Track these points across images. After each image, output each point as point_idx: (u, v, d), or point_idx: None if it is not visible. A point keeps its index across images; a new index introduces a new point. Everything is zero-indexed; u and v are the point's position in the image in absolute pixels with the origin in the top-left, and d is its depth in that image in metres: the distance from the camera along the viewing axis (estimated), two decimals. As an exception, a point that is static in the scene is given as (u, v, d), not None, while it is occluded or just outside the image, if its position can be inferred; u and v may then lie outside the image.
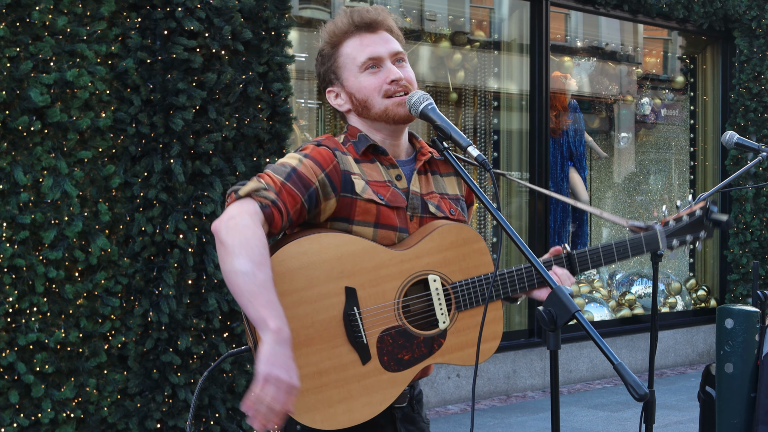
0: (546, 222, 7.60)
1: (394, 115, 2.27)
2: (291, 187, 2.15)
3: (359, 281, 2.16)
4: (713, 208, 2.63)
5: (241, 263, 2.03)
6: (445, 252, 2.26)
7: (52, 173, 4.51)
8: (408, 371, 2.22)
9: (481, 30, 8.26)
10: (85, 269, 4.65)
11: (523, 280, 2.34)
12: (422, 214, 2.31)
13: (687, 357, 8.61)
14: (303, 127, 7.25)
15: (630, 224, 2.58)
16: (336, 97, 2.35)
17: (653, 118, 9.59)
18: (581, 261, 2.42)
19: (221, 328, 4.96)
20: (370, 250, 2.19)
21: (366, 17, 2.31)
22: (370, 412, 2.18)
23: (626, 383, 1.77)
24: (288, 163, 2.20)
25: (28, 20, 4.44)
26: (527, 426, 6.22)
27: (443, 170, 2.43)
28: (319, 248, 2.14)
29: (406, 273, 2.21)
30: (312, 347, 2.13)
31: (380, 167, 2.30)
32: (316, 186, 2.18)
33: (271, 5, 5.14)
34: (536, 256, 2.01)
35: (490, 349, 2.29)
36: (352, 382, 2.16)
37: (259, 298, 2.02)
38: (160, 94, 4.80)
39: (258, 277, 2.03)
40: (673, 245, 2.60)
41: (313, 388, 2.13)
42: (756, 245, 8.57)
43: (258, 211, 2.09)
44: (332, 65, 2.33)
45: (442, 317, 2.24)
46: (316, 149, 2.23)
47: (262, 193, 2.12)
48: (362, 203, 2.22)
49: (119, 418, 4.79)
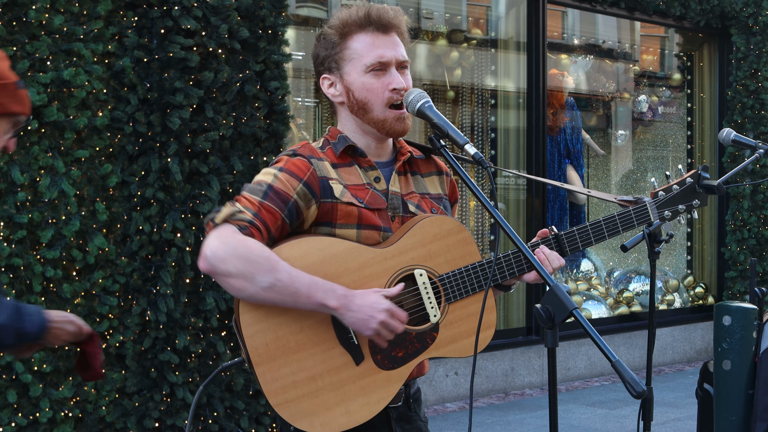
0: (543, 219, 7.60)
1: (390, 129, 2.27)
2: (269, 205, 2.15)
3: (344, 282, 2.14)
4: (705, 174, 2.54)
5: (260, 281, 2.06)
6: (429, 245, 2.24)
7: (49, 172, 4.51)
8: (403, 368, 2.21)
9: (478, 28, 8.26)
10: (83, 268, 4.65)
11: (512, 265, 2.31)
12: (403, 214, 2.30)
13: (685, 354, 8.62)
14: (300, 126, 7.25)
15: (618, 199, 2.53)
16: (330, 86, 2.32)
17: (650, 115, 9.59)
18: (570, 241, 2.37)
19: (219, 327, 4.95)
20: (353, 251, 2.18)
21: (384, 17, 2.28)
22: (369, 412, 2.17)
23: (624, 380, 1.77)
24: (263, 181, 2.19)
25: (24, 19, 4.43)
26: (525, 424, 6.23)
27: (424, 170, 2.41)
28: (301, 254, 2.14)
29: (391, 270, 2.20)
30: (304, 352, 2.13)
31: (358, 170, 2.28)
32: (295, 199, 2.17)
33: (268, 4, 5.14)
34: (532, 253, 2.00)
35: (485, 338, 2.26)
36: (348, 383, 2.15)
37: (300, 293, 2.07)
38: (157, 92, 4.79)
39: (283, 279, 2.06)
40: (665, 216, 2.52)
41: (309, 393, 2.13)
42: (753, 242, 8.58)
43: (236, 232, 2.10)
44: (336, 54, 2.29)
45: (432, 311, 2.23)
46: (290, 161, 2.22)
47: (238, 216, 2.12)
48: (343, 206, 2.21)
49: (117, 417, 4.79)
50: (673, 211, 2.53)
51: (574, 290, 8.51)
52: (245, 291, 2.07)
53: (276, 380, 2.12)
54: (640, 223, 2.45)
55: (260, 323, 2.12)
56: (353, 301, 2.10)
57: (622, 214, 2.43)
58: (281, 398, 2.13)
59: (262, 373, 2.12)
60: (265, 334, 2.12)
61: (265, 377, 2.12)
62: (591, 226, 2.39)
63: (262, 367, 2.11)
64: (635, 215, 2.45)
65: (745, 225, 8.58)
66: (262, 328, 2.12)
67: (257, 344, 2.12)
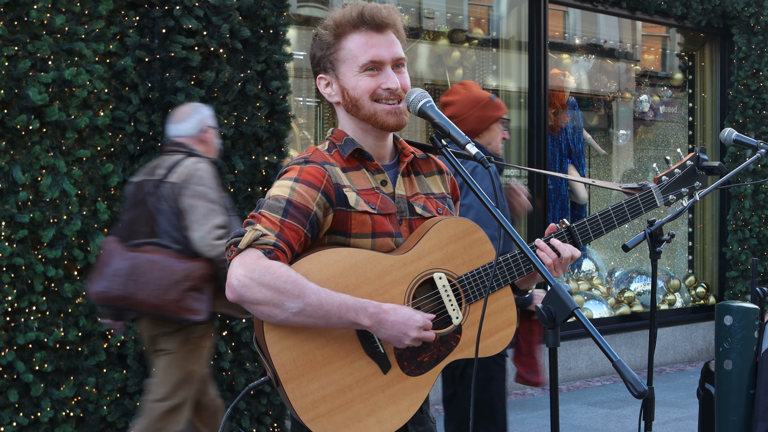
0: (545, 219, 7.60)
1: (383, 122, 2.24)
2: (290, 222, 2.11)
3: (366, 292, 2.13)
4: (703, 156, 2.58)
5: (289, 307, 2.04)
6: (446, 248, 2.24)
7: (51, 172, 4.51)
8: (430, 372, 2.21)
9: (480, 27, 8.26)
10: (84, 268, 4.65)
11: (519, 264, 2.30)
12: (410, 216, 2.29)
13: (686, 354, 8.62)
14: (301, 125, 7.25)
15: (623, 187, 2.55)
16: (327, 86, 2.30)
17: (652, 115, 9.59)
18: (582, 232, 2.37)
19: (220, 327, 4.96)
20: (372, 259, 2.17)
21: (378, 16, 2.25)
22: (400, 420, 2.17)
23: (625, 380, 1.77)
24: (281, 196, 2.14)
25: (26, 19, 4.44)
26: (527, 423, 6.22)
27: (426, 170, 2.40)
28: (320, 267, 2.12)
29: (411, 275, 2.19)
30: (331, 365, 2.12)
31: (366, 173, 2.27)
32: (314, 210, 2.14)
33: (270, 3, 5.14)
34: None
35: (507, 335, 2.28)
36: (377, 393, 2.15)
37: (330, 315, 2.06)
38: (159, 92, 4.79)
39: (312, 302, 2.05)
40: (670, 200, 2.54)
41: (339, 406, 2.12)
42: (755, 242, 8.58)
43: (262, 257, 2.07)
44: (330, 55, 2.27)
45: (454, 313, 2.22)
46: (304, 169, 2.18)
47: (262, 240, 2.08)
48: (357, 216, 2.19)
49: (118, 417, 4.79)
50: (677, 195, 2.55)
51: (575, 290, 8.51)
52: (276, 317, 2.06)
53: (305, 396, 2.10)
54: (648, 209, 2.47)
55: (285, 340, 2.10)
56: (386, 319, 2.10)
57: (629, 202, 2.45)
58: (312, 414, 2.11)
59: (291, 390, 2.09)
60: (291, 351, 2.10)
61: (294, 394, 2.10)
62: (601, 215, 2.40)
63: (291, 384, 2.09)
64: (642, 202, 2.47)
65: (746, 225, 8.58)
66: (287, 344, 2.10)
67: (284, 361, 2.10)
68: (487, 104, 3.83)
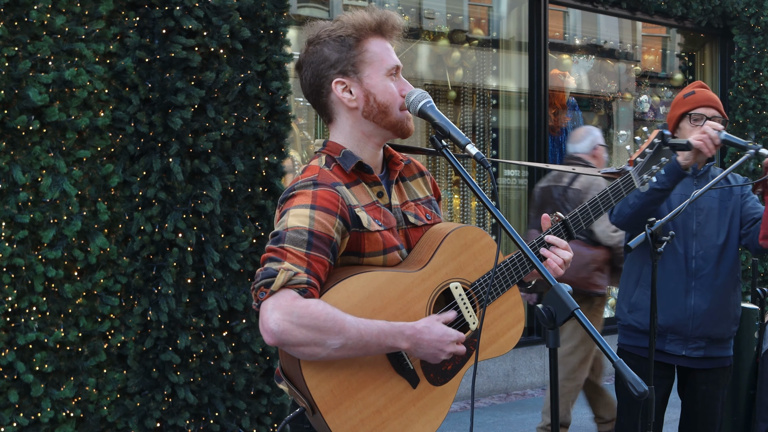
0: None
1: (407, 130, 2.28)
2: (316, 255, 2.10)
3: (391, 312, 2.17)
4: (666, 132, 2.75)
5: (331, 344, 2.05)
6: (458, 257, 2.29)
7: (51, 172, 4.51)
8: (454, 379, 2.28)
9: (480, 28, 8.26)
10: (84, 268, 4.65)
11: (524, 263, 2.38)
12: (405, 226, 2.31)
13: (686, 354, 8.60)
14: (302, 126, 7.25)
15: (603, 172, 2.71)
16: (345, 90, 2.24)
17: (652, 115, 9.59)
18: (575, 222, 2.48)
19: (220, 327, 4.96)
20: (393, 280, 2.20)
21: (396, 25, 2.27)
22: (431, 428, 2.23)
23: (626, 380, 1.77)
24: (302, 228, 2.09)
25: (26, 19, 4.44)
26: (527, 424, 6.22)
27: (408, 174, 2.41)
28: (347, 295, 2.14)
29: (429, 290, 2.24)
30: (366, 389, 2.16)
31: (365, 187, 2.27)
32: (335, 237, 2.13)
33: (270, 4, 5.14)
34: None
35: (517, 332, 2.38)
36: (409, 407, 2.21)
37: (370, 344, 2.09)
38: (159, 93, 4.79)
39: (352, 336, 2.06)
40: (644, 180, 2.71)
41: (377, 427, 2.17)
42: (755, 242, 8.56)
43: (297, 298, 2.05)
44: (354, 57, 2.22)
45: (471, 319, 2.28)
46: (317, 195, 2.14)
47: (295, 280, 2.05)
48: (370, 235, 2.20)
49: (119, 417, 4.79)
50: (650, 173, 2.73)
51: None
52: (318, 356, 2.07)
53: (345, 423, 2.14)
54: (629, 191, 2.64)
55: (322, 372, 2.12)
56: (423, 338, 2.14)
57: (612, 187, 2.60)
58: None
59: (331, 419, 2.12)
60: (328, 381, 2.12)
61: (335, 422, 2.13)
62: (589, 204, 2.53)
63: (331, 414, 2.12)
64: (623, 186, 2.63)
65: (746, 225, 8.56)
66: (324, 376, 2.12)
67: (323, 393, 2.12)
68: None
